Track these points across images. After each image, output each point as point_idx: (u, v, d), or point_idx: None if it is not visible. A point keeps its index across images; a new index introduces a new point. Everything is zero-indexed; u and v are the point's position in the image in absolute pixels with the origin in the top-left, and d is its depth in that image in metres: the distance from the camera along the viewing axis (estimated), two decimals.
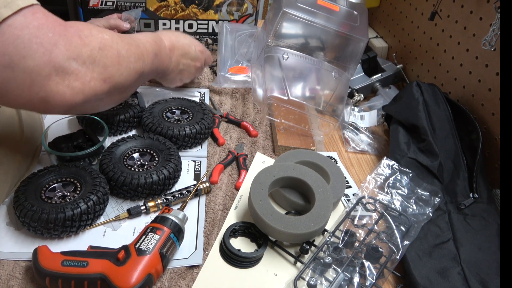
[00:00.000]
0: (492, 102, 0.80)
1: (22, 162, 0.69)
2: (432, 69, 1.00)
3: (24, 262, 0.58)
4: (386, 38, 1.22)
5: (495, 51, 0.78)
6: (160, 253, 0.56)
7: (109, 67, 0.58)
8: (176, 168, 0.71)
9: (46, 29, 0.50)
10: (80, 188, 0.64)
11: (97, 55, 0.55)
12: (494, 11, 0.77)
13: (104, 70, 0.57)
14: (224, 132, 0.88)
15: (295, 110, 0.86)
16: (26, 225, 0.60)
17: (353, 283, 0.58)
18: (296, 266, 0.63)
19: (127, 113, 0.81)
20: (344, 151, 0.90)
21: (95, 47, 0.55)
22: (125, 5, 1.11)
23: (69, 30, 0.53)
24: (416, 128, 0.82)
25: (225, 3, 1.16)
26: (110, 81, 0.58)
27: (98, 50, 0.56)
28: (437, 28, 0.97)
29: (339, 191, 0.71)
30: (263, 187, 0.66)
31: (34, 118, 0.75)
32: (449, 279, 0.61)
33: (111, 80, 0.58)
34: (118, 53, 0.59)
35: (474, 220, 0.71)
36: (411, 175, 0.75)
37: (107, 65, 0.57)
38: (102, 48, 0.57)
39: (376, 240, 0.65)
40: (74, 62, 0.52)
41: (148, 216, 0.67)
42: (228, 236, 0.64)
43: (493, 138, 0.80)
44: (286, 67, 0.87)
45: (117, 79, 0.59)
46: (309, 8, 0.89)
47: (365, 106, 1.00)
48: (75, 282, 0.53)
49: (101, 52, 0.56)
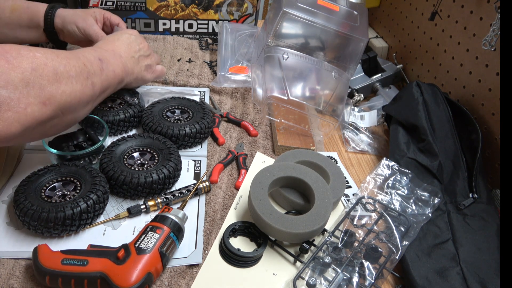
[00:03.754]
0: (492, 102, 0.80)
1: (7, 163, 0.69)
2: (432, 69, 1.00)
3: (24, 260, 0.58)
4: (386, 38, 1.22)
5: (495, 51, 0.78)
6: (160, 252, 0.56)
7: (47, 87, 0.52)
8: (176, 167, 0.71)
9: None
10: (80, 187, 0.64)
11: (30, 76, 0.50)
12: (494, 11, 0.77)
13: (41, 91, 0.51)
14: (224, 131, 0.88)
15: (295, 110, 0.86)
16: (26, 224, 0.60)
17: (352, 283, 0.58)
18: (295, 265, 0.63)
19: (127, 113, 0.81)
20: (344, 151, 0.90)
21: (26, 68, 0.50)
22: (125, 5, 1.12)
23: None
24: (416, 128, 0.82)
25: (225, 3, 1.17)
26: (51, 102, 0.53)
27: (31, 71, 0.51)
28: (437, 28, 0.97)
29: (339, 191, 0.71)
30: (263, 186, 0.66)
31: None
32: (448, 279, 0.61)
33: (52, 101, 0.53)
34: (55, 70, 0.54)
35: (474, 220, 0.71)
36: (411, 176, 0.75)
37: (44, 85, 0.52)
38: (35, 68, 0.51)
39: (376, 240, 0.65)
40: (3, 90, 0.47)
41: (148, 215, 0.67)
42: (227, 235, 0.64)
43: (493, 138, 0.80)
44: (286, 67, 0.87)
45: (60, 98, 0.54)
46: (309, 8, 0.89)
47: (365, 106, 1.00)
48: (75, 281, 0.53)
49: (34, 72, 0.51)
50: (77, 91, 0.58)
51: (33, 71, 0.51)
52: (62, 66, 0.56)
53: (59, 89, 0.55)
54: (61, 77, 0.55)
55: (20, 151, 0.75)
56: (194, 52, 1.14)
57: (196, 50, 1.15)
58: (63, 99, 0.55)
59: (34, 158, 0.74)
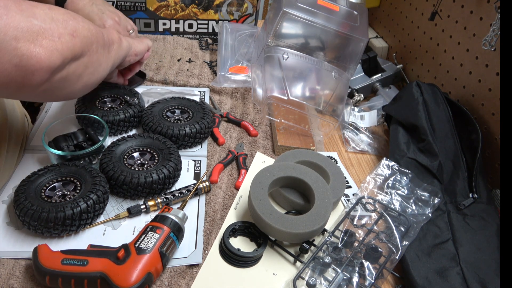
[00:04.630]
0: (492, 102, 0.80)
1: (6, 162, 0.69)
2: (432, 69, 1.00)
3: (24, 260, 0.58)
4: (386, 38, 1.22)
5: (495, 51, 0.78)
6: (160, 252, 0.56)
7: (69, 22, 0.56)
8: (176, 167, 0.71)
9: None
10: (80, 187, 0.64)
11: (50, 13, 0.54)
12: (494, 11, 0.77)
13: (66, 24, 0.55)
14: (224, 131, 0.88)
15: (295, 110, 0.86)
16: (26, 224, 0.60)
17: (352, 283, 0.58)
18: (295, 265, 0.63)
19: (127, 113, 0.81)
20: (344, 151, 0.90)
21: (44, 7, 0.53)
22: (125, 5, 1.12)
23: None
24: (416, 128, 0.82)
25: (225, 3, 1.17)
26: (78, 34, 0.56)
27: (49, 9, 0.54)
28: (437, 28, 0.97)
29: (339, 191, 0.71)
30: (263, 186, 0.66)
31: (17, 119, 0.76)
32: (448, 279, 0.61)
33: (78, 33, 0.56)
34: (66, 11, 0.58)
35: (474, 220, 0.71)
36: (411, 176, 0.75)
37: (66, 20, 0.55)
38: (51, 8, 0.55)
39: (376, 240, 0.65)
40: (34, 20, 0.50)
41: (148, 215, 0.67)
42: (227, 235, 0.64)
43: (493, 138, 0.80)
44: (286, 67, 0.87)
45: (83, 32, 0.58)
46: (309, 8, 0.89)
47: (365, 106, 1.00)
48: (75, 281, 0.53)
49: (52, 11, 0.54)
50: (92, 29, 0.61)
51: (50, 9, 0.54)
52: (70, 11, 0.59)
53: (79, 24, 0.58)
54: (75, 16, 0.59)
55: (20, 151, 0.75)
56: (194, 52, 1.14)
57: (196, 50, 1.15)
58: (85, 33, 0.59)
59: (34, 158, 0.74)
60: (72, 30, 0.56)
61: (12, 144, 0.72)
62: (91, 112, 0.78)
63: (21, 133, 0.76)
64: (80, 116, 0.77)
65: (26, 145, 0.77)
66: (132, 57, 0.81)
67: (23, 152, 0.75)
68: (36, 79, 0.52)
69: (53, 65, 0.52)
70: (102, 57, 0.66)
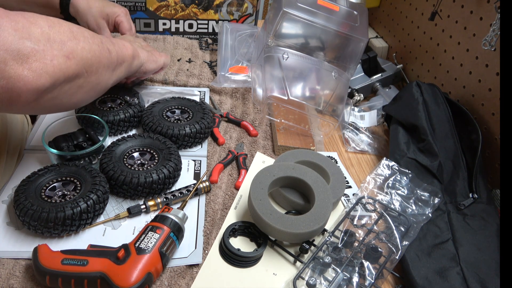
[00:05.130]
0: (492, 102, 0.80)
1: (6, 162, 0.69)
2: (432, 69, 1.00)
3: (24, 260, 0.58)
4: (386, 38, 1.22)
5: (495, 51, 0.78)
6: (160, 252, 0.56)
7: (67, 42, 0.54)
8: (176, 167, 0.71)
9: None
10: (80, 187, 0.64)
11: (49, 32, 0.52)
12: (494, 11, 0.77)
13: (63, 45, 0.53)
14: (224, 131, 0.88)
15: (295, 110, 0.86)
16: (26, 224, 0.60)
17: (352, 283, 0.58)
18: (295, 265, 0.63)
19: (127, 113, 0.81)
20: (344, 151, 0.90)
21: (44, 25, 0.52)
22: (125, 5, 1.12)
23: (10, 12, 0.49)
24: (416, 128, 0.82)
25: (225, 3, 1.17)
26: (74, 56, 0.54)
27: (48, 27, 0.53)
28: (437, 28, 0.97)
29: (339, 191, 0.71)
30: (263, 186, 0.66)
31: (17, 119, 0.76)
32: (448, 279, 0.61)
33: (74, 55, 0.55)
34: (70, 29, 0.56)
35: (474, 220, 0.71)
36: (411, 176, 0.75)
37: (64, 40, 0.54)
38: (51, 25, 0.53)
39: (376, 240, 0.65)
40: (28, 41, 0.49)
41: (148, 215, 0.67)
42: (227, 235, 0.64)
43: (493, 138, 0.80)
44: (286, 67, 0.87)
45: (81, 54, 0.56)
46: (309, 8, 0.89)
47: (365, 106, 1.00)
48: (75, 281, 0.53)
49: (51, 29, 0.53)
50: (95, 50, 0.59)
51: (50, 27, 0.53)
52: (76, 28, 0.58)
53: (79, 45, 0.56)
54: (77, 35, 0.57)
55: (20, 151, 0.75)
56: (194, 52, 1.14)
57: (196, 50, 1.15)
58: (84, 55, 0.57)
59: (34, 158, 0.74)
60: (68, 52, 0.54)
61: (12, 144, 0.72)
62: (91, 112, 0.78)
63: (21, 133, 0.76)
64: (80, 116, 0.77)
65: (26, 145, 0.77)
66: (140, 74, 0.82)
67: (23, 152, 0.75)
68: (23, 100, 0.51)
69: (41, 88, 0.51)
70: (103, 77, 0.64)
